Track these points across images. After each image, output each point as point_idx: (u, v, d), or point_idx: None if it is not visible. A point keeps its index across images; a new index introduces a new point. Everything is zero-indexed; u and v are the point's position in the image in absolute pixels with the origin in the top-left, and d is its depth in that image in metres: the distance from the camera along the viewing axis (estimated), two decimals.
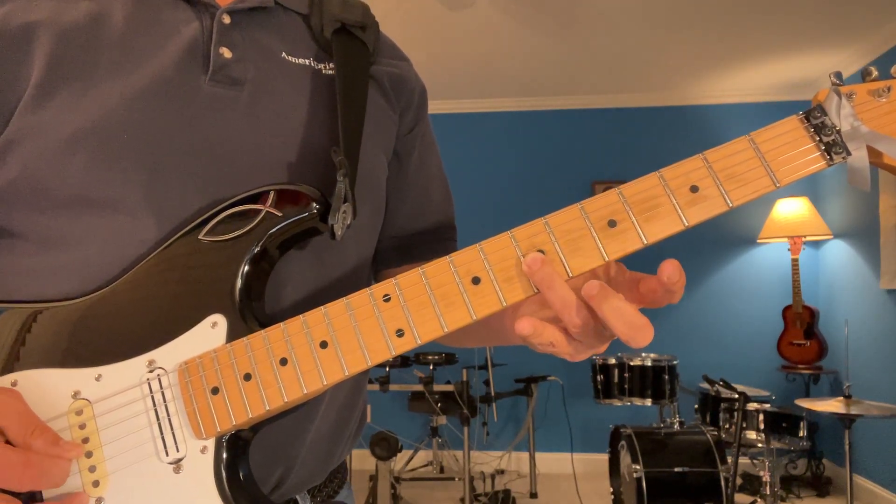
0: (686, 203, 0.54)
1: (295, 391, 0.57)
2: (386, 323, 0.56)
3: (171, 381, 0.59)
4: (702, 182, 0.54)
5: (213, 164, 0.65)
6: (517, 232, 0.56)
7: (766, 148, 0.54)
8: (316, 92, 0.72)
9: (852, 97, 0.54)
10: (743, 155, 0.54)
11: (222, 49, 0.68)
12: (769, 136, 0.54)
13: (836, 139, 0.54)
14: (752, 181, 0.54)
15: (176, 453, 0.58)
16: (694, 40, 3.78)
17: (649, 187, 0.54)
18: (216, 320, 0.59)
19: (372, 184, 0.76)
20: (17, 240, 0.64)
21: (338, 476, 0.80)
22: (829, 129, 0.54)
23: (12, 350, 0.60)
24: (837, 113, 0.54)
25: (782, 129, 0.55)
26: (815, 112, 0.55)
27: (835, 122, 0.54)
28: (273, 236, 0.61)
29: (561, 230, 0.55)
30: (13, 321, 0.61)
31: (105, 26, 0.66)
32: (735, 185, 0.54)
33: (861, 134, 0.53)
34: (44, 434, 0.55)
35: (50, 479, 0.54)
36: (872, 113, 0.54)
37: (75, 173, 0.62)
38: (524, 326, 0.54)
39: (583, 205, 0.55)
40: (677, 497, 2.92)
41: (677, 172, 0.54)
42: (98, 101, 0.63)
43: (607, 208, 0.55)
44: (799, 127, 0.54)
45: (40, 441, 0.54)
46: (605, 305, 0.52)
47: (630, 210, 0.54)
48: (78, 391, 0.59)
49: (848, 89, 0.55)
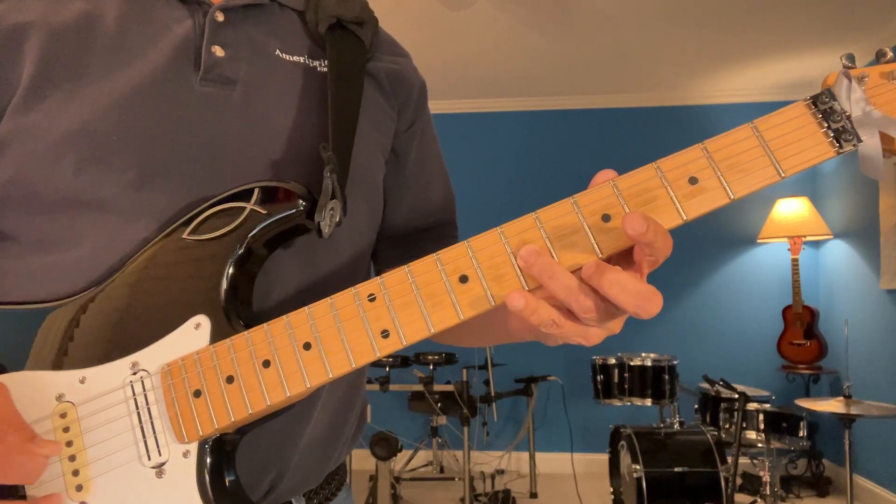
0: (684, 196, 0.51)
1: (278, 394, 0.55)
2: (371, 323, 0.54)
3: (153, 384, 0.58)
4: (701, 173, 0.51)
5: (204, 164, 0.64)
6: (506, 228, 0.53)
7: (770, 136, 0.51)
8: (309, 89, 0.71)
9: (864, 80, 0.51)
10: (745, 144, 0.51)
11: (214, 47, 0.67)
12: (774, 123, 0.51)
13: (846, 125, 0.50)
14: (755, 171, 0.51)
15: (158, 457, 0.57)
16: (694, 40, 3.77)
17: (645, 179, 0.52)
18: (200, 321, 0.59)
19: (366, 181, 0.74)
20: (11, 242, 0.64)
21: (336, 478, 0.79)
22: (839, 115, 0.50)
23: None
24: (847, 97, 0.51)
25: (788, 115, 0.52)
26: (824, 97, 0.51)
27: (844, 107, 0.50)
28: (258, 234, 0.60)
29: (552, 225, 0.52)
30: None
31: (97, 26, 0.65)
32: (737, 175, 0.51)
33: (873, 119, 0.50)
34: (19, 431, 0.54)
35: (20, 474, 0.53)
36: (886, 97, 0.50)
37: (65, 175, 0.61)
38: (515, 298, 0.50)
39: (576, 199, 0.53)
40: (677, 497, 2.91)
41: (675, 163, 0.52)
42: (88, 102, 0.62)
43: (601, 202, 0.52)
44: (805, 113, 0.51)
45: (13, 437, 0.54)
46: (605, 281, 0.48)
47: (625, 204, 0.52)
48: (62, 394, 0.59)
49: (859, 72, 0.51)
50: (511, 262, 0.53)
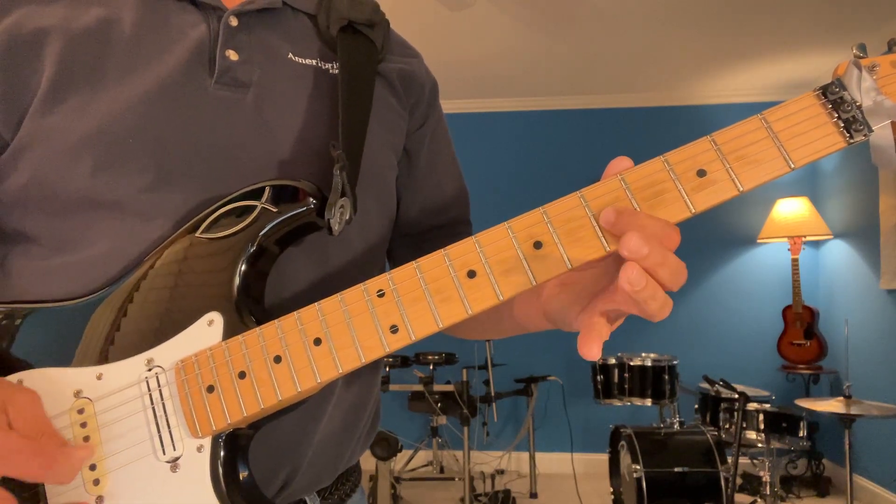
0: (692, 188, 0.51)
1: (289, 389, 0.56)
2: (380, 319, 0.55)
3: (168, 380, 0.58)
4: (709, 165, 0.51)
5: (218, 166, 0.65)
6: (514, 223, 0.53)
7: (779, 127, 0.51)
8: (321, 91, 0.72)
9: (875, 69, 0.50)
10: (754, 135, 0.51)
11: (228, 51, 0.68)
12: (783, 114, 0.51)
13: (857, 115, 0.50)
14: (764, 163, 0.50)
15: (173, 452, 0.57)
16: (694, 40, 3.78)
17: (653, 172, 0.52)
18: (213, 318, 0.59)
19: (378, 180, 0.75)
20: (31, 243, 0.65)
21: (351, 478, 0.79)
22: (849, 105, 0.50)
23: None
24: (858, 87, 0.50)
25: (797, 106, 0.51)
26: (833, 86, 0.50)
27: (855, 96, 0.50)
28: (269, 232, 0.61)
29: (560, 220, 0.52)
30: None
31: (114, 31, 0.67)
32: (746, 167, 0.50)
33: (885, 109, 0.49)
34: (53, 437, 0.55)
35: (57, 471, 0.54)
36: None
37: (82, 177, 0.63)
38: (633, 271, 0.48)
39: (583, 193, 0.53)
40: (677, 497, 2.92)
41: (683, 156, 0.51)
42: (105, 105, 0.64)
43: (609, 196, 0.52)
44: (815, 104, 0.51)
45: (50, 443, 0.54)
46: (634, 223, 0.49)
47: (633, 197, 0.51)
48: (80, 390, 0.59)
49: (870, 61, 0.50)
50: (519, 256, 0.53)
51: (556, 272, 0.53)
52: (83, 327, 0.61)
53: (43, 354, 0.61)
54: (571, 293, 0.58)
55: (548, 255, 0.53)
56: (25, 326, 0.62)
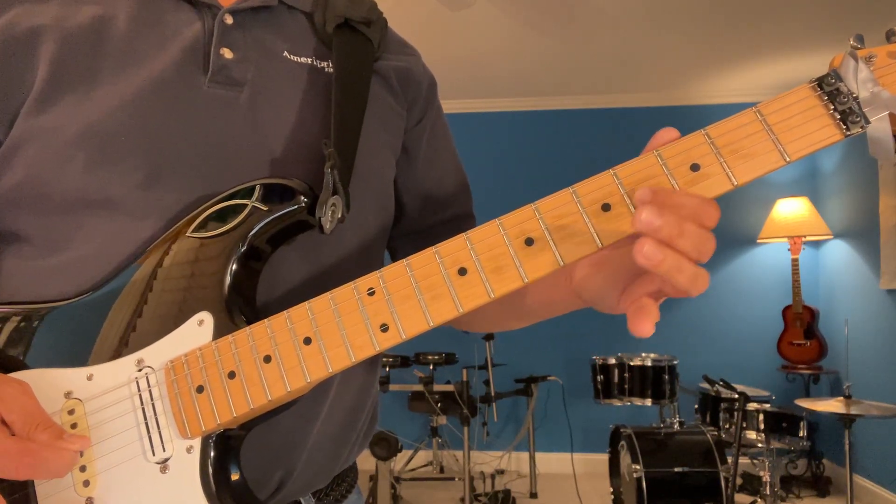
0: (686, 183, 0.50)
1: (279, 389, 0.55)
2: (370, 318, 0.54)
3: (157, 380, 0.58)
4: (703, 159, 0.50)
5: (211, 165, 0.65)
6: (505, 219, 0.53)
7: (774, 120, 0.50)
8: (316, 90, 0.72)
9: (871, 60, 0.49)
10: (749, 128, 0.50)
11: (223, 50, 0.68)
12: (778, 106, 0.50)
13: (853, 107, 0.49)
14: (758, 156, 0.49)
15: (162, 453, 0.57)
16: (694, 40, 3.78)
17: (646, 167, 0.51)
18: (203, 318, 0.59)
19: (374, 178, 0.75)
20: (23, 243, 0.64)
21: (347, 480, 0.79)
22: (845, 97, 0.49)
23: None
24: (854, 78, 0.49)
25: (792, 98, 0.50)
26: (829, 78, 0.50)
27: (851, 88, 0.49)
28: (260, 231, 0.61)
29: (552, 215, 0.52)
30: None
31: (108, 30, 0.66)
32: (740, 161, 0.50)
33: (882, 100, 0.48)
34: (48, 428, 0.54)
35: (48, 469, 0.53)
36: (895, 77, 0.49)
37: (75, 176, 0.62)
38: (649, 246, 0.46)
39: (575, 188, 0.52)
40: (677, 497, 2.92)
41: (676, 150, 0.51)
42: (99, 104, 0.63)
43: (601, 191, 0.51)
44: (811, 95, 0.50)
45: (45, 435, 0.54)
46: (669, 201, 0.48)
47: (626, 193, 0.51)
48: (70, 391, 0.59)
49: (867, 52, 0.50)
50: (510, 253, 0.52)
51: (548, 269, 0.52)
52: (75, 328, 0.60)
53: (34, 355, 0.61)
54: (607, 273, 0.57)
55: (539, 252, 0.52)
56: (17, 327, 0.61)
